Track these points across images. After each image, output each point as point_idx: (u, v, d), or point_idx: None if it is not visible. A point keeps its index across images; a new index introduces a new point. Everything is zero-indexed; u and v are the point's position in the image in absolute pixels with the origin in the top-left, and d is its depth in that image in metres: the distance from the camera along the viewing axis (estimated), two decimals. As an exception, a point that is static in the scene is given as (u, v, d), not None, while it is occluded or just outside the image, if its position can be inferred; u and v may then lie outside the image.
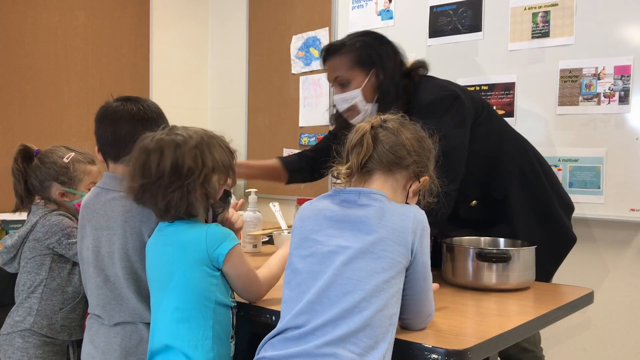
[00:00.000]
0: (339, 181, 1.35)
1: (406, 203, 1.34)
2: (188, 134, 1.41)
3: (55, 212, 1.90)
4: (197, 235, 1.38)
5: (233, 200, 1.63)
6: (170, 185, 1.36)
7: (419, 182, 1.34)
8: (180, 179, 1.36)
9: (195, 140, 1.39)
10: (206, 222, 1.47)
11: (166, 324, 1.39)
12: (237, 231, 1.60)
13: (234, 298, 1.46)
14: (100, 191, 1.62)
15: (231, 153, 1.48)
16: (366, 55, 1.89)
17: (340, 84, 1.92)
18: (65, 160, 1.90)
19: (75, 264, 1.89)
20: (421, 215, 1.27)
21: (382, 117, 1.36)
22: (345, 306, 1.17)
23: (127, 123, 1.59)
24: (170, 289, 1.39)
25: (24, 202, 1.93)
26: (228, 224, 1.58)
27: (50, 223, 1.85)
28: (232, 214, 1.61)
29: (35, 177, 1.90)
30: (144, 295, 1.52)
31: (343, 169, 1.34)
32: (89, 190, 1.91)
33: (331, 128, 2.25)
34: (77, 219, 1.93)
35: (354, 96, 1.89)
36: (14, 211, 1.96)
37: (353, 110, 1.92)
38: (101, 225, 1.56)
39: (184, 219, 1.41)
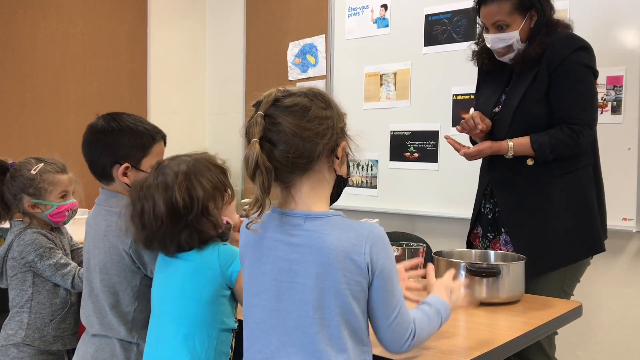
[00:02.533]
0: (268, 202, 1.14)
1: (340, 176, 1.22)
2: (174, 170, 1.38)
3: (30, 230, 1.90)
4: (209, 255, 1.38)
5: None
6: (175, 228, 1.35)
7: (337, 157, 1.19)
8: (181, 218, 1.35)
9: (182, 174, 1.37)
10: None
11: (172, 342, 1.38)
12: None
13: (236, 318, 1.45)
14: (95, 206, 1.69)
15: (221, 169, 1.46)
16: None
17: (498, 27, 2.02)
18: (32, 172, 1.90)
19: None
20: (376, 230, 1.15)
21: (261, 112, 1.15)
22: (320, 347, 1.12)
23: (85, 145, 1.65)
24: (180, 309, 1.38)
25: (1, 216, 1.95)
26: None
27: (24, 242, 1.87)
28: None
29: (8, 190, 1.92)
30: (119, 311, 1.55)
31: (252, 205, 1.12)
32: (63, 199, 1.93)
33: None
34: (52, 231, 1.96)
35: (512, 37, 2.01)
36: None
37: (507, 49, 2.04)
38: (92, 238, 1.63)
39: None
